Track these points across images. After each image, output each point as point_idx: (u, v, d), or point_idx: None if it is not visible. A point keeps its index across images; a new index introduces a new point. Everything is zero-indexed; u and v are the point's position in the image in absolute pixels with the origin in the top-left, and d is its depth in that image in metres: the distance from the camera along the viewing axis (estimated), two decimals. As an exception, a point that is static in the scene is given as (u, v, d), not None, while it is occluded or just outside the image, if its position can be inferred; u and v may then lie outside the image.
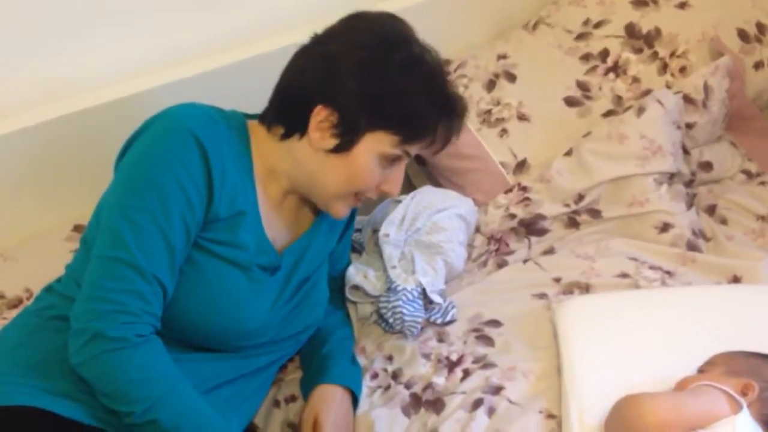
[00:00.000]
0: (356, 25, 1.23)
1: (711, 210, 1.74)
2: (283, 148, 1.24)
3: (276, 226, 1.28)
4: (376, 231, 1.58)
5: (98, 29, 1.52)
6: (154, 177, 1.12)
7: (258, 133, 1.26)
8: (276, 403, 1.41)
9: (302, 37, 1.26)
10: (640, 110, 1.70)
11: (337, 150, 1.20)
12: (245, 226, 1.20)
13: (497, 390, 1.34)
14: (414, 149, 1.24)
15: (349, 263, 1.53)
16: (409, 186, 1.88)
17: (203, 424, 1.10)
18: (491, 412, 1.31)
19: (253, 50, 1.60)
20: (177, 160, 1.13)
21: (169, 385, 1.09)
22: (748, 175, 1.83)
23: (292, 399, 1.42)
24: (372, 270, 1.53)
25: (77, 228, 1.51)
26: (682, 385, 1.21)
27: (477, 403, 1.32)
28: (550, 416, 1.29)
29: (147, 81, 1.53)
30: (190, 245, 1.15)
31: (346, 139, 1.19)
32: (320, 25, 1.26)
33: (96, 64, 1.53)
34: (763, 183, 1.80)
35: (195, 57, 1.59)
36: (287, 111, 1.23)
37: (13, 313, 1.34)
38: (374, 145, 1.20)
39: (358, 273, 1.52)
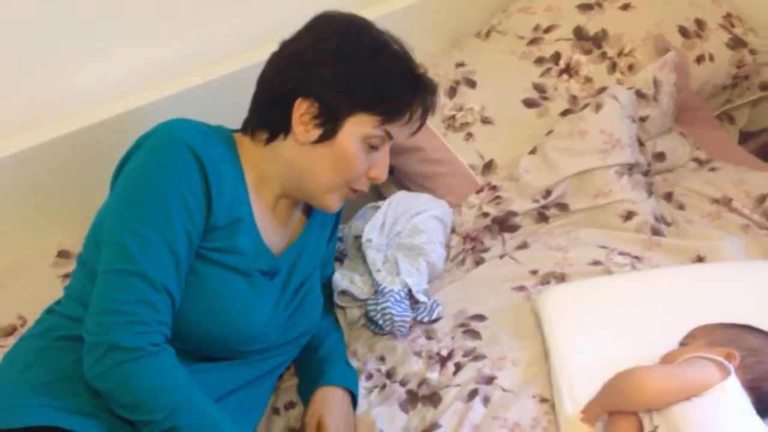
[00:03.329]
0: (321, 22, 1.29)
1: (668, 197, 1.83)
2: (270, 152, 1.28)
3: (270, 232, 1.31)
4: (357, 237, 1.62)
5: (77, 52, 1.52)
6: (154, 189, 1.15)
7: (244, 143, 1.30)
8: (275, 411, 1.44)
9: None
10: (598, 106, 1.78)
11: (322, 139, 1.24)
12: (243, 233, 1.23)
13: (490, 380, 1.39)
14: (395, 129, 1.28)
15: (333, 270, 1.57)
16: (377, 196, 1.92)
17: (221, 430, 1.12)
18: (487, 401, 1.36)
19: (239, 63, 1.63)
20: (175, 172, 1.16)
21: (186, 392, 1.11)
22: (699, 162, 1.94)
23: (291, 405, 1.44)
24: (357, 275, 1.57)
25: (62, 254, 1.52)
26: (667, 359, 1.28)
27: (472, 394, 1.37)
28: (543, 400, 1.35)
29: (127, 103, 1.54)
30: (192, 254, 1.18)
31: (329, 127, 1.24)
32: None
33: (76, 87, 1.54)
34: (713, 169, 1.91)
35: (176, 74, 1.61)
36: (268, 113, 1.27)
37: (9, 341, 1.35)
38: (357, 128, 1.24)
39: (344, 279, 1.56)
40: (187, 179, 1.16)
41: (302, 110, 1.23)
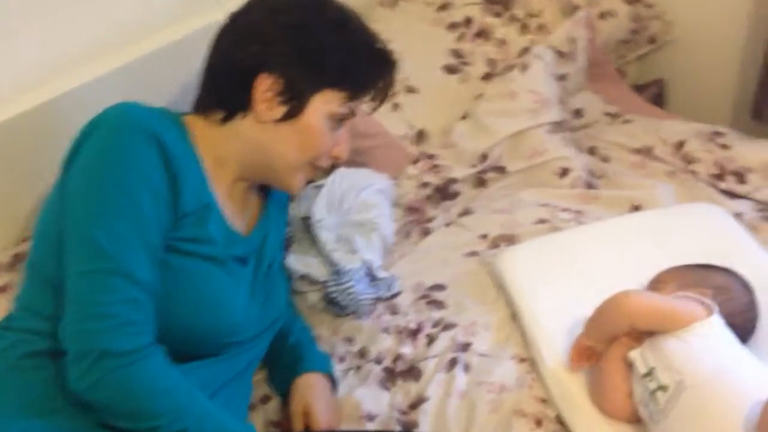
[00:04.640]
0: None
1: (592, 151, 1.88)
2: (227, 132, 1.20)
3: (232, 217, 1.23)
4: (304, 219, 1.56)
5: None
6: (120, 179, 1.05)
7: (196, 124, 1.21)
8: (252, 407, 1.36)
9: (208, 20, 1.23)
10: (524, 67, 1.81)
11: (287, 117, 1.18)
12: (211, 219, 1.15)
13: (465, 347, 1.38)
14: (359, 106, 1.24)
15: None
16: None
17: (226, 428, 1.05)
18: (467, 368, 1.35)
19: (165, 38, 1.50)
20: (138, 159, 1.06)
21: (187, 392, 1.04)
22: (612, 116, 2.00)
23: (266, 399, 1.38)
24: (310, 257, 1.51)
25: (-8, 264, 1.37)
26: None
27: (452, 363, 1.36)
28: (522, 360, 1.35)
29: (44, 92, 1.38)
30: (164, 245, 1.09)
31: (295, 104, 1.18)
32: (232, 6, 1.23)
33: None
34: (626, 121, 1.98)
35: (96, 56, 1.47)
36: (225, 91, 1.19)
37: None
38: (323, 105, 1.19)
39: (298, 263, 1.50)
40: (153, 166, 1.07)
41: (266, 87, 1.16)
